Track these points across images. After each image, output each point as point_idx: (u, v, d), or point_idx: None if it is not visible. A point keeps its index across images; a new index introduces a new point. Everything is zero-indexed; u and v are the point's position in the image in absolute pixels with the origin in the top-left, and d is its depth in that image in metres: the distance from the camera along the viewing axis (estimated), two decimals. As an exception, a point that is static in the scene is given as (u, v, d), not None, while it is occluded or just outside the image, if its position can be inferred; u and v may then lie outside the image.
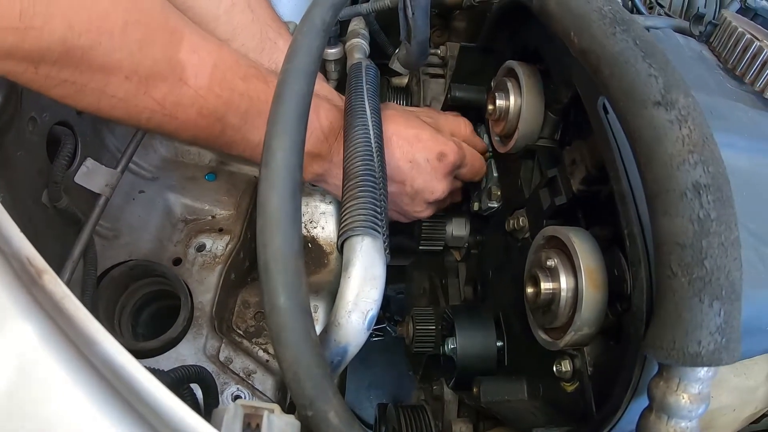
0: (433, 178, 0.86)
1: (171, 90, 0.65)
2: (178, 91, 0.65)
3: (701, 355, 0.42)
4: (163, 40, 0.63)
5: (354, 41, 1.09)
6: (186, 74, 0.65)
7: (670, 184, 0.44)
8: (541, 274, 0.63)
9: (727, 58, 0.75)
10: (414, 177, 0.85)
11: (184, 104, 0.66)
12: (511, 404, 0.76)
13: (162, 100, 0.64)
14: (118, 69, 0.60)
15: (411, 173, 0.84)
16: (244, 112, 0.71)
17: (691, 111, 0.45)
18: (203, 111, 0.68)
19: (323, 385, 0.42)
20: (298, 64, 0.54)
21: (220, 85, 0.68)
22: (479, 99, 0.93)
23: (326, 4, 0.61)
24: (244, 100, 0.71)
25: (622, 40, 0.50)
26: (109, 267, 1.02)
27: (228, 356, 0.99)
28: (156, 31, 0.62)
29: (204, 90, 0.67)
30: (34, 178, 0.86)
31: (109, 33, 0.57)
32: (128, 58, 0.60)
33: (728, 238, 0.43)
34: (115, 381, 0.35)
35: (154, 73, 0.63)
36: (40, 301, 0.37)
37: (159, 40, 0.63)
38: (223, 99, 0.69)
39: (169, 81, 0.64)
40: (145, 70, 0.62)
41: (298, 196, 0.48)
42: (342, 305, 0.54)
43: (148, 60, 0.61)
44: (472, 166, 0.91)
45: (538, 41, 0.76)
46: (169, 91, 0.65)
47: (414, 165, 0.84)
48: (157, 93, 0.64)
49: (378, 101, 0.77)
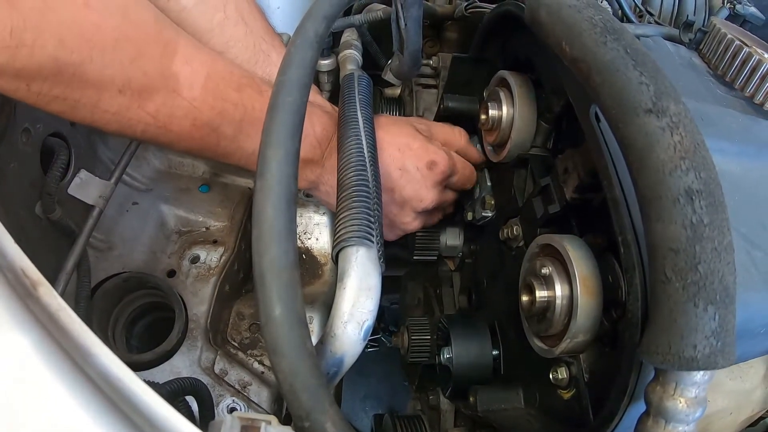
0: (422, 187, 0.86)
1: (164, 102, 0.65)
2: (172, 103, 0.65)
3: (697, 359, 0.42)
4: (155, 54, 0.63)
5: (347, 52, 1.10)
6: (179, 86, 0.65)
7: (662, 191, 0.44)
8: (536, 282, 0.63)
9: (716, 65, 0.76)
10: (403, 185, 0.85)
11: (178, 116, 0.66)
12: (508, 413, 0.76)
13: (155, 113, 0.64)
14: (111, 84, 0.59)
15: (400, 181, 0.84)
16: (238, 122, 0.71)
17: (682, 118, 0.46)
18: (197, 122, 0.68)
19: (320, 396, 0.42)
20: (292, 76, 0.54)
21: (213, 95, 0.68)
22: (472, 109, 0.94)
23: (319, 15, 0.61)
24: (239, 110, 0.71)
25: (613, 49, 0.50)
26: (102, 279, 1.01)
27: (223, 368, 0.98)
28: (148, 45, 0.62)
29: (198, 101, 0.67)
30: (27, 190, 0.86)
31: (101, 48, 0.57)
32: (120, 72, 0.60)
33: (721, 243, 0.43)
34: (111, 393, 0.35)
35: (146, 86, 0.62)
36: (35, 313, 0.37)
37: (151, 53, 0.63)
38: (217, 109, 0.69)
39: (162, 93, 0.64)
40: (138, 84, 0.61)
41: (294, 207, 0.48)
42: (338, 316, 0.54)
43: (140, 73, 0.61)
44: (462, 176, 0.91)
45: (529, 51, 0.77)
46: (162, 103, 0.65)
47: (404, 173, 0.84)
48: (150, 106, 0.64)
49: (371, 111, 0.78)
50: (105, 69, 0.58)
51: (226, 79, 0.71)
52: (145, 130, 0.65)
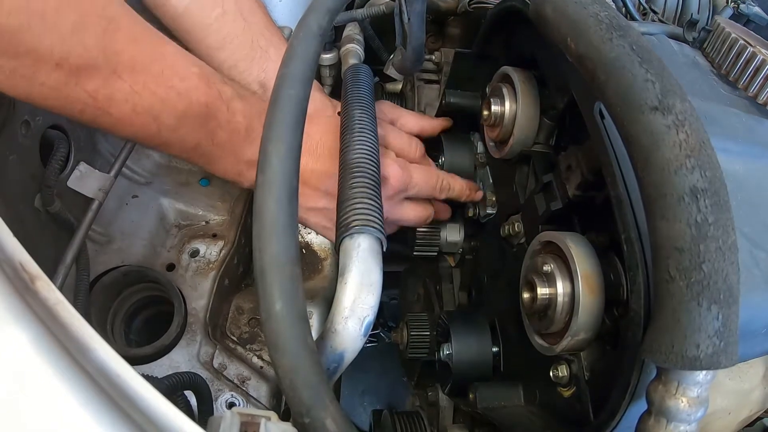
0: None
1: (104, 83, 0.61)
2: (112, 86, 0.62)
3: (700, 358, 0.42)
4: (98, 28, 0.59)
5: (349, 46, 1.09)
6: (120, 68, 0.62)
7: (667, 189, 0.44)
8: (538, 280, 0.63)
9: (720, 64, 0.75)
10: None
11: (117, 99, 0.62)
12: (508, 410, 0.76)
13: (94, 93, 0.61)
14: (49, 55, 0.56)
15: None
16: (181, 114, 0.68)
17: (687, 116, 0.46)
18: (137, 108, 0.64)
19: (320, 392, 0.42)
20: (294, 69, 0.54)
21: (156, 81, 0.65)
22: (474, 105, 0.94)
23: (322, 9, 0.60)
24: (182, 101, 0.67)
25: (619, 46, 0.50)
26: (101, 272, 1.01)
27: (222, 363, 0.98)
28: (90, 17, 0.58)
29: (139, 86, 0.63)
30: (26, 183, 0.85)
31: (41, 14, 0.53)
32: (59, 43, 0.56)
33: (726, 242, 0.43)
34: (109, 388, 0.35)
35: (86, 62, 0.59)
36: (33, 307, 0.37)
37: (94, 26, 0.59)
38: (158, 96, 0.65)
39: (103, 73, 0.60)
40: (77, 59, 0.58)
41: (295, 202, 0.48)
42: (338, 311, 0.54)
43: (81, 48, 0.58)
44: (425, 186, 0.87)
45: (533, 47, 0.77)
46: (102, 84, 0.61)
47: None
48: (89, 85, 0.60)
49: (373, 107, 0.77)
50: (43, 37, 0.54)
51: (173, 67, 0.67)
52: (83, 110, 0.62)
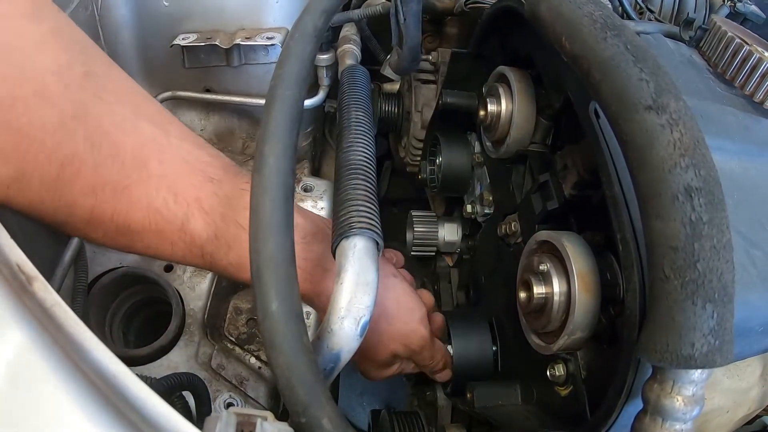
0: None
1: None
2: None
3: (695, 357, 0.42)
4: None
5: (346, 47, 1.09)
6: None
7: (662, 188, 0.44)
8: (534, 279, 0.63)
9: (717, 63, 0.75)
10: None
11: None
12: (505, 409, 0.76)
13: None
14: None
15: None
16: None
17: (682, 115, 0.46)
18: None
19: (316, 392, 0.42)
20: (289, 70, 0.54)
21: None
22: (470, 105, 0.94)
23: (318, 9, 0.60)
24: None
25: (613, 45, 0.50)
26: (99, 274, 1.01)
27: (220, 363, 0.98)
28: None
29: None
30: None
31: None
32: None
33: (720, 241, 0.43)
34: (106, 389, 0.35)
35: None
36: (30, 309, 0.37)
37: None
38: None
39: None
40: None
41: (291, 202, 0.48)
42: (334, 311, 0.54)
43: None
44: (426, 362, 0.81)
45: (529, 47, 0.77)
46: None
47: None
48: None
49: (370, 107, 0.77)
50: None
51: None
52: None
